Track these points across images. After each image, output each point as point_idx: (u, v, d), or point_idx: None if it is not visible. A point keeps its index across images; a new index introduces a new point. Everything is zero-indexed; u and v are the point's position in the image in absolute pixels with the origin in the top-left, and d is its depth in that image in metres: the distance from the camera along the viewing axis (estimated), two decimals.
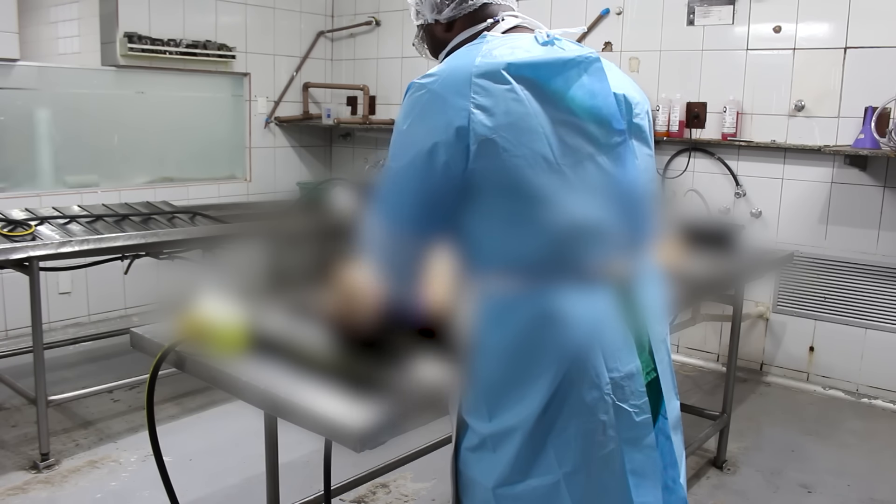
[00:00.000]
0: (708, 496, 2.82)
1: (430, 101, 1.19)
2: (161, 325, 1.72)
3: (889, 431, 3.45)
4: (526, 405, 1.21)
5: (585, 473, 1.23)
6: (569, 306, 1.22)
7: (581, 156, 1.23)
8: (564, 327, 1.21)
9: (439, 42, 1.42)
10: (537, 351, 1.22)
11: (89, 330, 4.31)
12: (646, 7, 4.22)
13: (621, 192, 1.28)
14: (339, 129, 5.56)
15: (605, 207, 1.25)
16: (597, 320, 1.23)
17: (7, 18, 3.95)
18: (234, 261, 3.63)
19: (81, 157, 4.51)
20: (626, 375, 1.25)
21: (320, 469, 1.83)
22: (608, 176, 1.26)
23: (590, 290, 1.24)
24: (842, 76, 3.68)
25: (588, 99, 1.25)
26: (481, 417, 1.25)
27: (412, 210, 1.23)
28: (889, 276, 3.67)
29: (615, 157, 1.27)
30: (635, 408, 1.26)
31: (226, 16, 5.00)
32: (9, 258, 2.73)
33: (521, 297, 1.22)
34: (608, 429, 1.23)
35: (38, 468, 2.85)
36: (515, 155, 1.17)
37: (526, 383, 1.22)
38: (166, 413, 3.34)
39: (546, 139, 1.19)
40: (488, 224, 1.21)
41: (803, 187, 3.86)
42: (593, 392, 1.22)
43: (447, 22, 1.39)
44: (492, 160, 1.17)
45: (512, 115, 1.17)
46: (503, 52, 1.21)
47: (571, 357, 1.21)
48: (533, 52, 1.23)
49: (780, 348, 4.04)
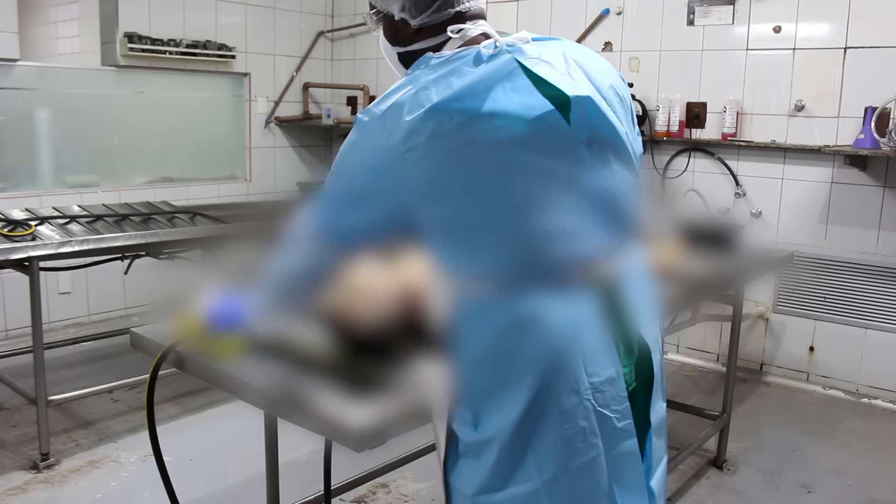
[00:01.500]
0: (708, 496, 2.82)
1: (373, 131, 1.20)
2: (161, 325, 1.72)
3: (889, 431, 3.45)
4: (506, 412, 1.19)
5: (566, 481, 1.21)
6: (544, 311, 1.19)
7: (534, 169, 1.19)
8: (541, 332, 1.19)
9: (400, 38, 1.36)
10: (514, 356, 1.19)
11: (89, 330, 4.31)
12: (646, 7, 4.22)
13: (593, 195, 1.24)
14: (339, 129, 5.55)
15: (581, 211, 1.22)
16: (574, 324, 1.21)
17: (7, 18, 3.95)
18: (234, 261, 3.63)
19: (81, 157, 4.51)
20: (606, 380, 1.22)
21: (320, 469, 1.84)
22: (571, 181, 1.22)
23: (566, 294, 1.21)
24: (842, 76, 3.68)
25: (525, 111, 1.18)
26: (467, 425, 1.23)
27: (346, 221, 1.26)
28: (889, 276, 3.67)
29: (575, 161, 1.22)
30: (616, 413, 1.23)
31: (226, 16, 5.00)
32: (9, 258, 2.73)
33: (494, 301, 1.20)
34: (589, 435, 1.21)
35: (38, 468, 2.85)
36: (461, 190, 1.17)
37: (505, 389, 1.20)
38: (166, 413, 3.34)
39: (488, 163, 1.17)
40: (454, 231, 1.19)
41: (803, 187, 3.86)
42: (573, 398, 1.19)
43: (415, 28, 1.32)
44: (428, 197, 1.17)
45: (447, 150, 1.15)
46: (428, 92, 1.17)
47: (549, 362, 1.19)
48: (461, 79, 1.18)
49: (780, 348, 4.04)
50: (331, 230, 1.30)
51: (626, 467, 1.26)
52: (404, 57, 1.37)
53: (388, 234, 1.25)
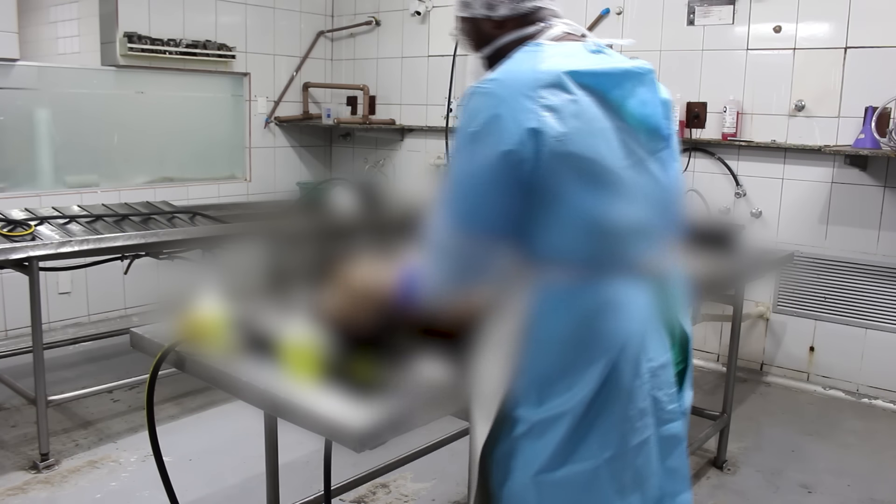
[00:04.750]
0: (708, 496, 2.82)
1: (499, 104, 1.21)
2: (161, 325, 1.72)
3: (889, 431, 3.45)
4: (577, 391, 1.27)
5: (624, 459, 1.30)
6: (620, 298, 1.30)
7: (634, 160, 1.30)
8: (616, 317, 1.29)
9: (486, 37, 1.41)
10: (593, 339, 1.28)
11: (89, 330, 4.31)
12: (646, 7, 4.22)
13: (663, 195, 1.37)
14: (339, 129, 5.56)
15: (650, 208, 1.34)
16: (640, 312, 1.31)
17: (7, 18, 3.95)
18: (234, 261, 3.63)
19: (81, 157, 4.51)
20: (661, 365, 1.34)
21: (320, 469, 1.83)
22: (655, 180, 1.34)
23: (635, 284, 1.32)
24: (842, 76, 3.68)
25: (639, 108, 1.32)
26: (530, 405, 1.29)
27: (481, 212, 1.25)
28: (889, 276, 3.67)
29: (660, 162, 1.36)
30: (668, 396, 1.35)
31: (226, 16, 5.00)
32: (9, 258, 2.73)
33: (578, 288, 1.28)
34: (645, 416, 1.31)
35: (38, 468, 2.85)
36: (580, 157, 1.22)
37: (578, 370, 1.28)
38: (166, 413, 3.34)
39: (608, 143, 1.26)
40: (549, 220, 1.25)
41: (803, 187, 3.86)
42: (635, 380, 1.29)
43: (500, 20, 1.38)
44: (558, 161, 1.21)
45: (578, 119, 1.22)
46: (563, 59, 1.26)
47: (620, 346, 1.28)
48: (588, 61, 1.29)
49: (781, 348, 4.04)
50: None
51: (670, 447, 1.37)
52: (491, 58, 1.41)
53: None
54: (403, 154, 5.44)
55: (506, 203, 1.23)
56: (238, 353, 1.53)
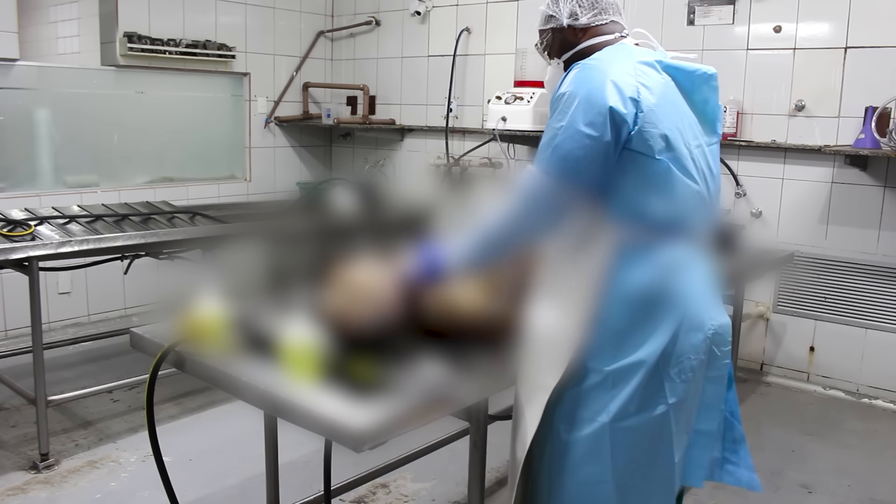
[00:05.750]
0: (708, 496, 2.81)
1: (606, 74, 1.41)
2: (161, 325, 1.72)
3: (889, 431, 3.45)
4: (651, 343, 1.42)
5: (685, 405, 1.47)
6: (689, 260, 1.48)
7: (698, 144, 1.52)
8: (686, 277, 1.46)
9: (568, 44, 1.65)
10: (666, 295, 1.44)
11: (89, 330, 4.31)
12: (646, 7, 4.22)
13: (712, 182, 1.55)
14: (338, 129, 5.56)
15: (706, 188, 1.52)
16: (705, 276, 1.52)
17: (7, 18, 3.95)
18: (234, 261, 3.63)
19: (81, 157, 4.51)
20: (720, 325, 1.53)
21: (320, 469, 1.83)
22: (709, 167, 1.54)
23: (698, 251, 1.52)
24: (842, 76, 3.68)
25: (703, 104, 1.57)
26: (605, 357, 1.43)
27: (579, 164, 1.39)
28: (889, 276, 3.67)
29: (712, 155, 1.57)
30: (723, 353, 1.55)
31: (226, 16, 5.00)
32: (9, 258, 2.72)
33: (655, 247, 1.44)
34: (702, 367, 1.50)
35: (38, 468, 2.85)
36: (666, 128, 1.42)
37: (654, 324, 1.43)
38: (166, 413, 3.34)
39: (687, 123, 1.50)
40: (630, 183, 1.41)
41: (803, 187, 3.86)
42: (699, 335, 1.47)
43: (581, 28, 1.62)
44: (649, 128, 1.40)
45: (665, 97, 1.46)
46: (649, 53, 1.55)
47: (690, 302, 1.46)
48: (667, 57, 1.55)
49: (781, 348, 4.04)
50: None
51: (715, 393, 1.58)
52: (568, 61, 1.62)
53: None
54: (403, 154, 5.44)
55: (599, 159, 1.38)
56: (238, 353, 1.53)
